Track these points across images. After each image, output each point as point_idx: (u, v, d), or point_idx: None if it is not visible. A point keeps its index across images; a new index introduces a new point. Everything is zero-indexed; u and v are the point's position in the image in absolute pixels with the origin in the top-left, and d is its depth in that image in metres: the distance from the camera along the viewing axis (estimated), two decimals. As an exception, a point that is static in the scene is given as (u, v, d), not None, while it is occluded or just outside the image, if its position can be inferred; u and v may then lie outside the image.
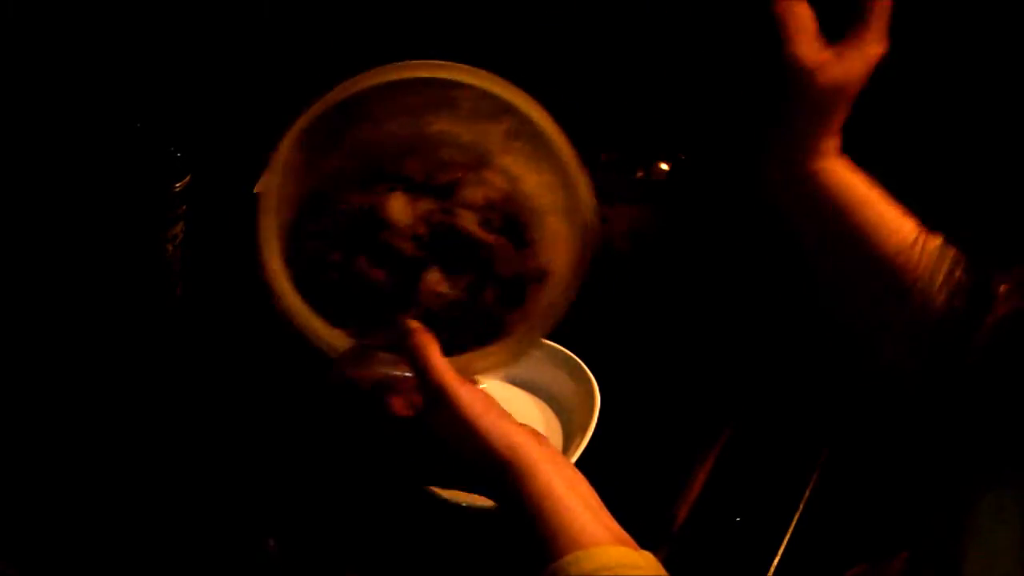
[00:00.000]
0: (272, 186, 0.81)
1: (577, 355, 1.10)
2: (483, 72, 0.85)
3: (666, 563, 0.76)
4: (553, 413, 1.11)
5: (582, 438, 1.03)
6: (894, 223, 0.90)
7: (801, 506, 1.06)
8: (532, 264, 0.89)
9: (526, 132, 0.87)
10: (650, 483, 1.06)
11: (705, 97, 1.31)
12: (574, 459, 1.02)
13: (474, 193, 0.89)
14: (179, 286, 1.08)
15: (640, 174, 1.30)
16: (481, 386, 1.12)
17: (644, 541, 0.99)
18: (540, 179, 0.89)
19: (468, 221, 0.88)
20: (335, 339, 0.81)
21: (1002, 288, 0.80)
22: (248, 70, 1.35)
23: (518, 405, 1.11)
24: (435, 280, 0.86)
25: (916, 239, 0.88)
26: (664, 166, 1.30)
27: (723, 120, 1.30)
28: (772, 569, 1.01)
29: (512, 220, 0.89)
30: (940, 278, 0.87)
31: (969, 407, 0.75)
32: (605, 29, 1.34)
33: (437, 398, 0.80)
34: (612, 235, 1.27)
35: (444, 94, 0.86)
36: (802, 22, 0.85)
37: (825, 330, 1.02)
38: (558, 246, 0.88)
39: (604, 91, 1.32)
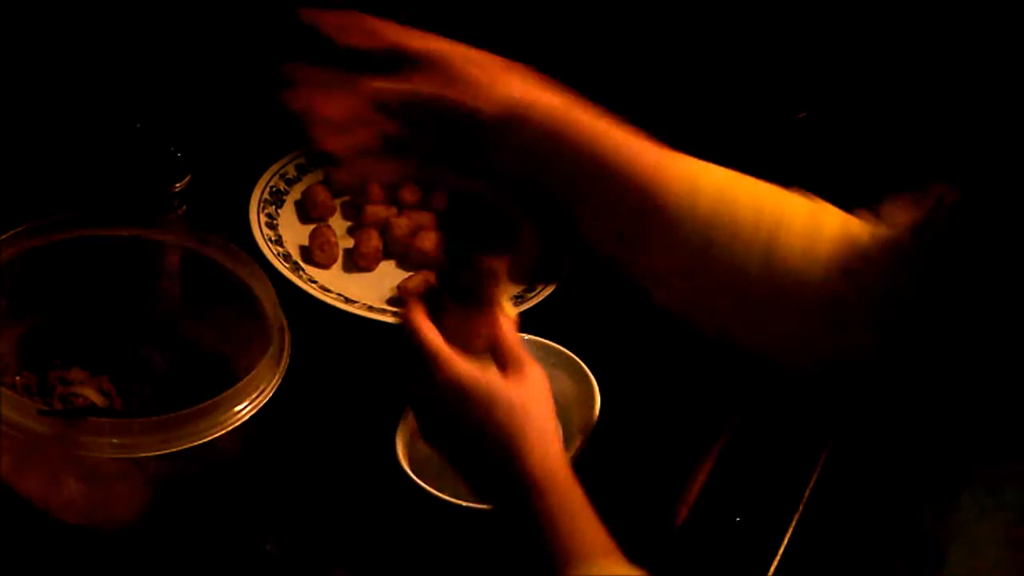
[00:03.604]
0: None
1: (577, 355, 1.10)
2: None
3: (666, 563, 0.76)
4: (553, 413, 1.11)
5: (582, 438, 1.03)
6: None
7: (801, 506, 1.06)
8: None
9: None
10: (650, 483, 1.06)
11: (703, 97, 1.32)
12: (573, 459, 1.02)
13: None
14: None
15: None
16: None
17: (644, 541, 0.99)
18: None
19: None
20: None
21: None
22: (248, 71, 1.35)
23: (518, 405, 1.11)
24: None
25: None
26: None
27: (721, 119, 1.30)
28: (772, 569, 1.01)
29: None
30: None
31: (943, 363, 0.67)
32: (605, 27, 1.34)
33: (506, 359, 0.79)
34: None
35: None
36: None
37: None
38: None
39: (604, 90, 1.32)
